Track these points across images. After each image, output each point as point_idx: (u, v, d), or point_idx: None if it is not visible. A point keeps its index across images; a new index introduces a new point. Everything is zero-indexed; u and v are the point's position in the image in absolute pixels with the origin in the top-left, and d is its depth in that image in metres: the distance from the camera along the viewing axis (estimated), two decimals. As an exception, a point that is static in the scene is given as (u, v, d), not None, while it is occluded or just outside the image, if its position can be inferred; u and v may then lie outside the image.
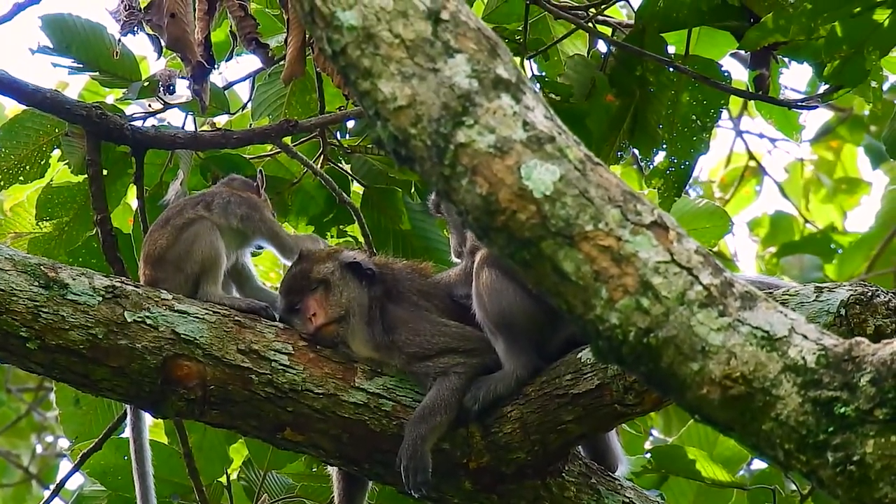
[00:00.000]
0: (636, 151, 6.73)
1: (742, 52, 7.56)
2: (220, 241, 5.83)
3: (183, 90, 6.56)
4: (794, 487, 7.11)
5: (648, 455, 7.11)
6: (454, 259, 6.03)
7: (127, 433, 6.03)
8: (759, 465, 8.06)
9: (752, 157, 12.53)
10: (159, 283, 5.69)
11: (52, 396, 12.24)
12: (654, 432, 10.41)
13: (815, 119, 14.72)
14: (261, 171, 6.30)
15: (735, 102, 10.90)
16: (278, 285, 5.97)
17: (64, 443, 12.99)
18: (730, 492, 7.14)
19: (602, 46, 6.79)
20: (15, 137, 6.54)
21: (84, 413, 6.79)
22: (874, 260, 11.61)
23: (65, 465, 12.88)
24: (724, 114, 6.76)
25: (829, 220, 12.54)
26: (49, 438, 13.40)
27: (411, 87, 3.96)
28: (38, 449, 13.28)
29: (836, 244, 11.71)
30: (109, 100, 7.10)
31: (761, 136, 12.52)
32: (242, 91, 7.50)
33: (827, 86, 6.29)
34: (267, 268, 8.73)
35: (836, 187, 12.61)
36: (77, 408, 6.77)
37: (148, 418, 6.05)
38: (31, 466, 12.96)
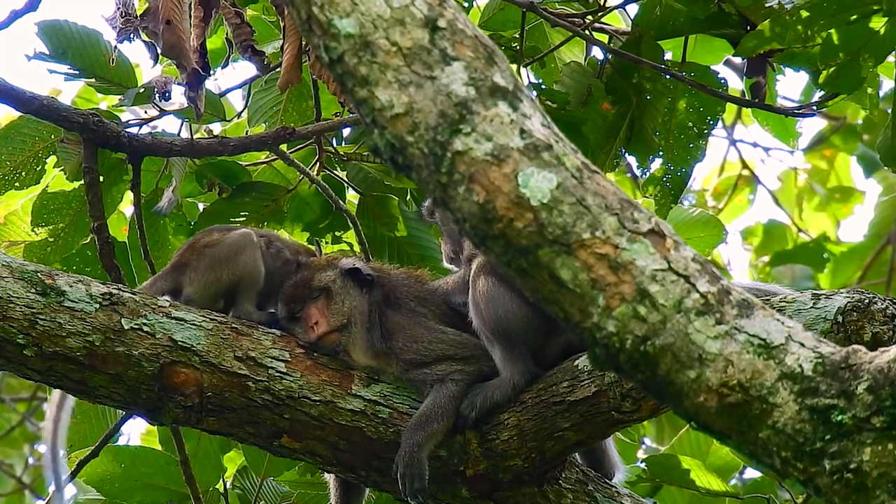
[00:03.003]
0: (632, 159, 6.72)
1: (736, 60, 7.57)
2: (261, 263, 5.82)
3: (178, 97, 6.56)
4: (787, 497, 7.11)
5: (643, 464, 7.11)
6: (446, 265, 6.03)
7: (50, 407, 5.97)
8: (751, 474, 8.05)
9: (745, 165, 12.53)
10: (187, 268, 5.70)
11: (46, 406, 12.22)
12: (646, 440, 10.40)
13: (809, 128, 14.74)
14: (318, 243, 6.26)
15: (729, 111, 10.90)
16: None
17: (57, 453, 12.96)
18: (722, 501, 7.13)
19: (599, 53, 6.79)
20: (11, 143, 6.54)
21: (78, 422, 6.78)
22: (866, 269, 11.61)
23: (57, 477, 12.84)
24: (718, 122, 6.75)
25: (823, 229, 12.53)
26: (42, 449, 13.36)
27: (408, 94, 3.96)
28: (31, 459, 13.24)
29: (828, 253, 11.71)
30: (102, 107, 7.08)
31: (755, 144, 12.52)
32: (235, 99, 7.50)
33: (822, 93, 6.30)
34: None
35: (830, 196, 12.61)
36: (71, 416, 6.75)
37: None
38: (25, 476, 12.92)
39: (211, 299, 5.71)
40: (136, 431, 13.45)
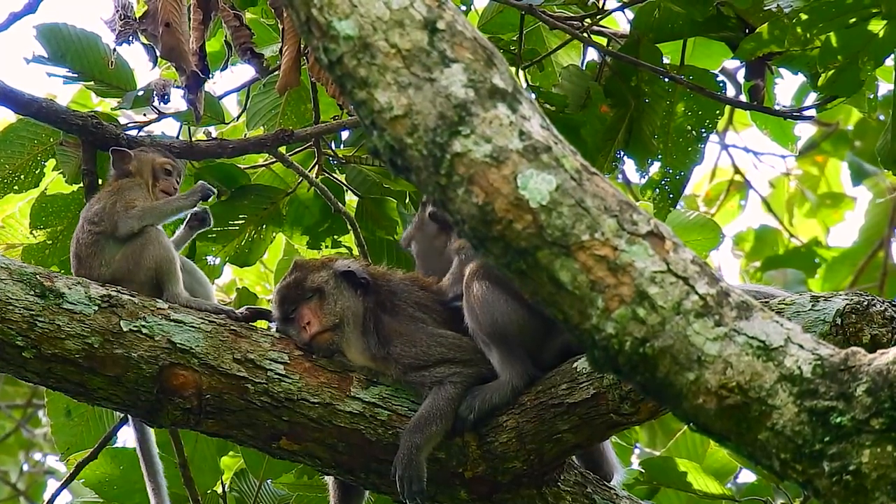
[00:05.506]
0: (630, 162, 6.73)
1: (729, 68, 7.56)
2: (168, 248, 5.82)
3: (178, 99, 6.56)
4: (784, 500, 7.11)
5: (640, 467, 7.11)
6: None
7: (133, 444, 5.99)
8: (744, 479, 8.05)
9: (737, 171, 12.51)
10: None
11: (41, 413, 12.19)
12: (638, 446, 10.37)
13: (801, 133, 14.70)
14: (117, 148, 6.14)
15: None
16: (269, 298, 5.97)
17: (52, 460, 12.99)
18: (719, 503, 7.14)
19: (597, 56, 6.79)
20: (9, 147, 6.54)
21: (75, 424, 6.77)
22: (858, 275, 11.61)
23: (52, 484, 12.85)
24: (716, 125, 6.75)
25: (813, 235, 12.52)
26: (37, 456, 13.36)
27: (408, 96, 3.96)
28: (26, 466, 13.22)
29: (820, 258, 11.71)
30: (98, 111, 7.08)
31: (746, 150, 12.50)
32: (230, 103, 7.48)
33: (817, 96, 6.31)
34: (253, 281, 8.72)
35: (821, 202, 12.59)
36: (69, 419, 6.75)
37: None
38: (20, 483, 12.91)
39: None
40: (131, 437, 13.43)
